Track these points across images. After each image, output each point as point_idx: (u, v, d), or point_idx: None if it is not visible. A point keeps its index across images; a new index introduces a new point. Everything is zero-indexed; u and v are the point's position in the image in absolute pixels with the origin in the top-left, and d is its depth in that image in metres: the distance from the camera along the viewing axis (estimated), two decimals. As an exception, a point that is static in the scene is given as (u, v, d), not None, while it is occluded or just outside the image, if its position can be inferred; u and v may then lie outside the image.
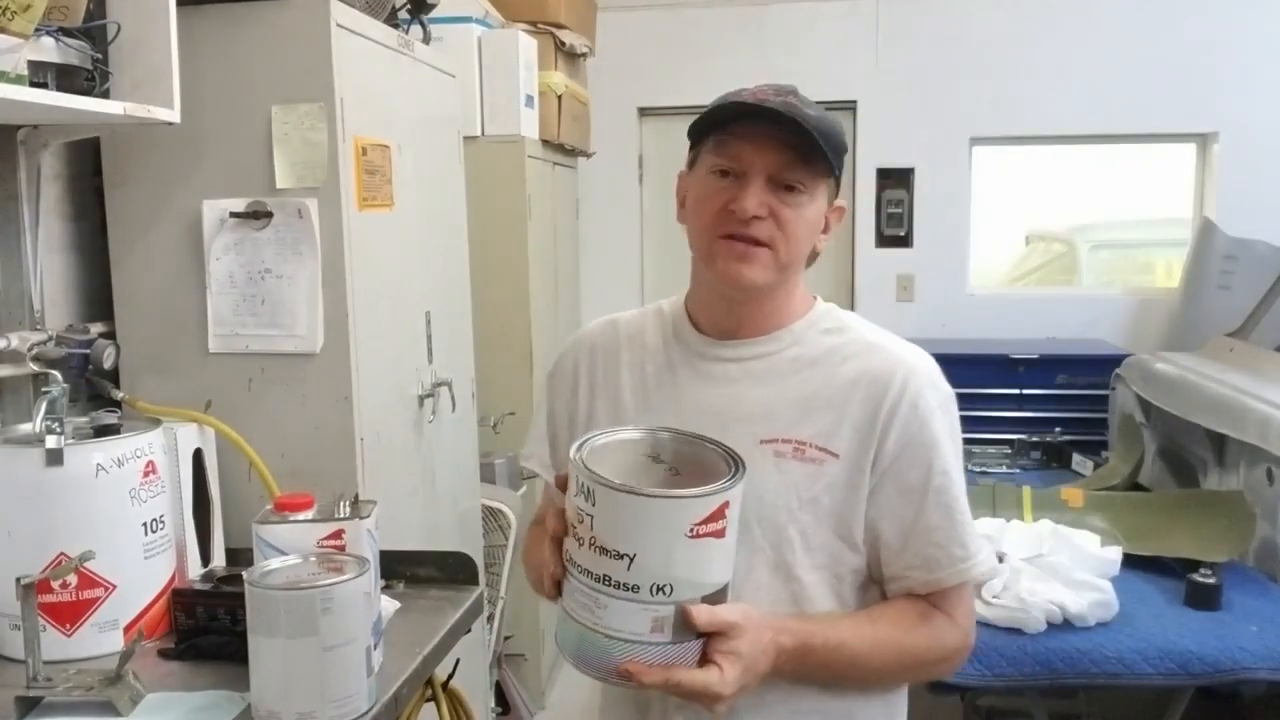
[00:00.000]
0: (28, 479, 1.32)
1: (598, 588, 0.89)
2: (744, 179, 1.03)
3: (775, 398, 1.06)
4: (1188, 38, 4.05)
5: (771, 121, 1.01)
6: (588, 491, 0.89)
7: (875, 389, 1.05)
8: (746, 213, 1.01)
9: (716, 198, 1.04)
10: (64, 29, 1.36)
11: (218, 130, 1.62)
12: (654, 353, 1.14)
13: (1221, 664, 1.88)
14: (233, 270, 1.63)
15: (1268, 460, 2.40)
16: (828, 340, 1.10)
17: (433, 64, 2.08)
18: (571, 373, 1.18)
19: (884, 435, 1.04)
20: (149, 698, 1.21)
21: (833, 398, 1.05)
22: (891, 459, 1.04)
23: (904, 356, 1.09)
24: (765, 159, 1.02)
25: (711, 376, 1.09)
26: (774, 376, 1.08)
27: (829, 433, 1.04)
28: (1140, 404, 3.19)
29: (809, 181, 1.04)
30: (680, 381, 1.11)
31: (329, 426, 1.65)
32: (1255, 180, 4.05)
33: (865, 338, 1.11)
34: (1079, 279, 4.57)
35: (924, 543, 1.04)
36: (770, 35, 4.24)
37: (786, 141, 1.02)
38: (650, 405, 1.10)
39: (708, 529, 0.88)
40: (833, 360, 1.08)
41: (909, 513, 1.04)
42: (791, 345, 1.09)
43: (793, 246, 1.04)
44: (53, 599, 1.31)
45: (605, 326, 1.20)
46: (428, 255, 2.06)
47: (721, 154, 1.04)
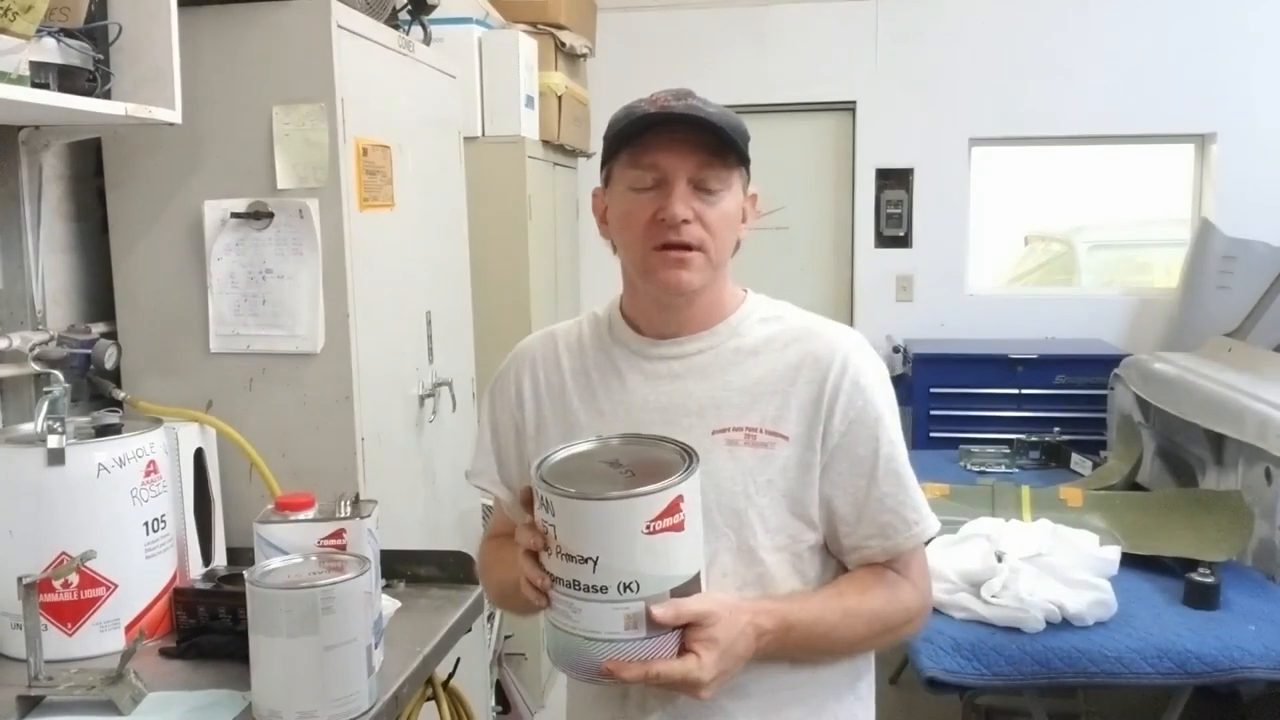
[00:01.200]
0: (29, 479, 1.33)
1: (570, 593, 0.92)
2: (666, 186, 1.05)
3: (721, 389, 1.09)
4: (1186, 38, 4.06)
5: (681, 127, 1.04)
6: (547, 504, 0.93)
7: (817, 371, 1.08)
8: (676, 218, 1.03)
9: (643, 210, 1.06)
10: (65, 30, 1.36)
11: (219, 131, 1.62)
12: (596, 359, 1.15)
13: (1220, 663, 1.88)
14: (234, 270, 1.64)
15: (1266, 460, 2.40)
16: (765, 329, 1.13)
17: (433, 65, 2.08)
18: (514, 386, 1.18)
19: (830, 413, 1.07)
20: (150, 697, 1.22)
21: (777, 383, 1.08)
22: (839, 435, 1.07)
23: (840, 338, 1.12)
24: (683, 164, 1.04)
25: (657, 375, 1.12)
26: (717, 369, 1.10)
27: (777, 416, 1.07)
28: (1139, 404, 3.20)
29: (726, 175, 1.07)
30: (627, 384, 1.12)
31: (330, 426, 1.65)
32: (1253, 180, 4.05)
33: (800, 323, 1.14)
34: (1078, 279, 4.57)
35: (878, 511, 1.08)
36: (770, 36, 4.24)
37: (699, 143, 1.04)
38: (600, 410, 1.12)
39: (664, 524, 0.91)
40: (772, 347, 1.11)
41: (861, 485, 1.08)
42: (730, 337, 1.12)
43: (720, 244, 1.08)
44: (54, 598, 1.32)
45: (543, 338, 1.21)
46: (428, 255, 2.06)
47: (638, 166, 1.06)
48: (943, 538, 2.27)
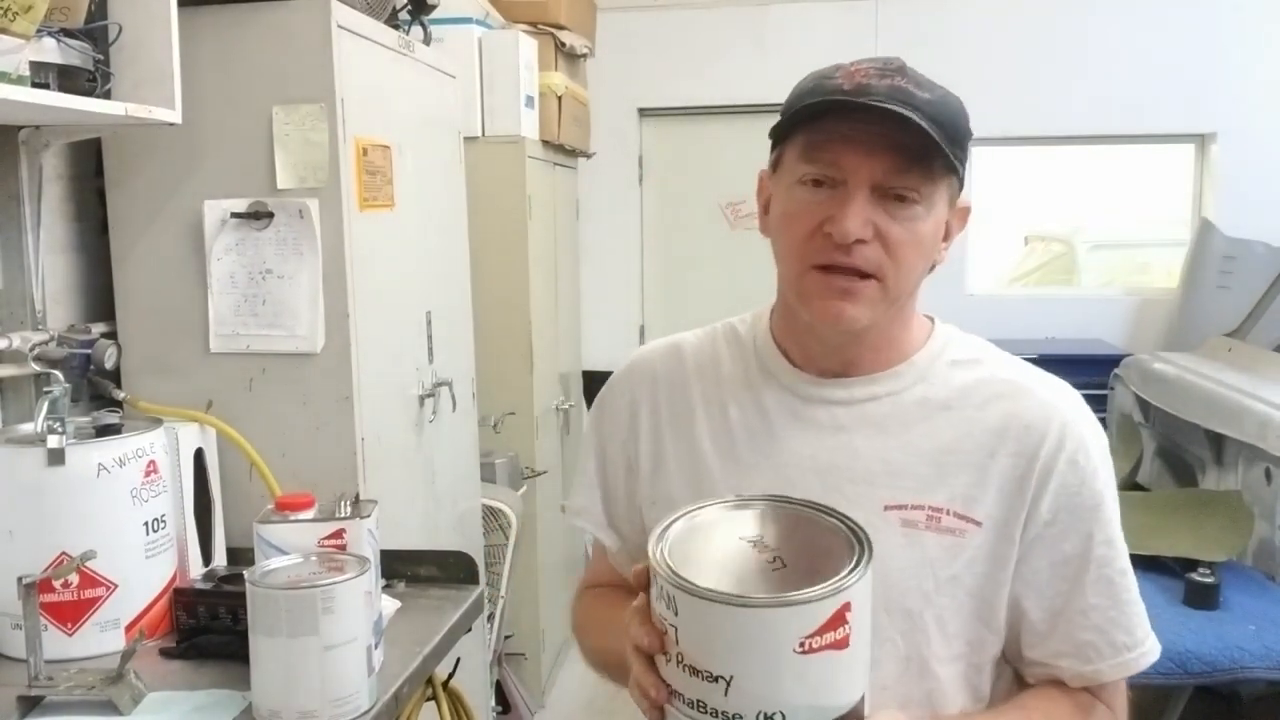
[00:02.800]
0: (29, 479, 1.32)
1: (693, 715, 0.70)
2: (843, 191, 0.82)
3: (900, 451, 0.87)
4: (1186, 38, 4.06)
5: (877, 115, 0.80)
6: (669, 598, 0.70)
7: (1027, 441, 0.86)
8: (847, 236, 0.81)
9: (808, 216, 0.84)
10: (65, 30, 1.36)
11: (219, 131, 1.62)
12: (735, 390, 0.93)
13: (1220, 663, 1.88)
14: (234, 270, 1.64)
15: (1266, 460, 2.40)
16: (959, 376, 0.90)
17: (433, 65, 2.08)
18: (628, 408, 0.97)
19: (1037, 497, 0.86)
20: (150, 697, 1.21)
21: (974, 451, 0.86)
22: (1044, 525, 0.86)
23: (1058, 400, 0.90)
24: (869, 165, 0.81)
25: (817, 424, 0.89)
26: (897, 424, 0.88)
27: (970, 496, 0.85)
28: (1139, 404, 3.20)
29: (925, 188, 0.83)
30: (776, 429, 0.90)
31: (330, 426, 1.65)
32: (1254, 180, 4.05)
33: (1006, 373, 0.92)
34: (1078, 279, 4.57)
35: (1079, 626, 0.86)
36: (770, 35, 4.24)
37: (895, 140, 0.81)
38: (738, 458, 0.90)
39: (824, 640, 0.68)
40: (969, 403, 0.88)
41: (1062, 589, 0.87)
42: (916, 383, 0.90)
43: (904, 274, 0.84)
44: (54, 598, 1.32)
45: (667, 352, 0.99)
46: (428, 255, 2.06)
47: (812, 160, 0.83)
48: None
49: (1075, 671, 0.87)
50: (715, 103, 4.21)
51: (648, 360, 1.00)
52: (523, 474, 2.94)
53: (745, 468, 0.90)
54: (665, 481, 0.93)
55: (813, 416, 0.90)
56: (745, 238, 4.25)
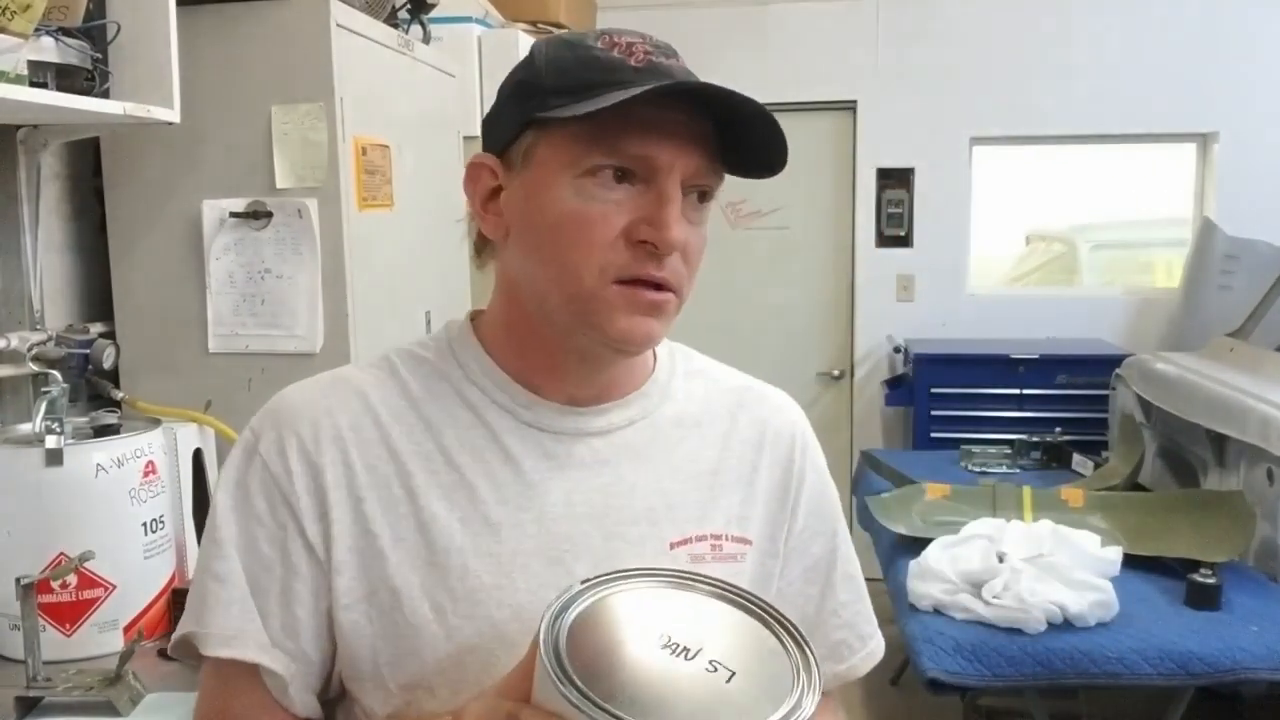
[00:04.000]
0: (28, 479, 1.32)
1: None
2: (655, 188, 0.69)
3: (670, 479, 0.76)
4: (1188, 37, 4.05)
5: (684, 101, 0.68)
6: None
7: (779, 449, 0.81)
8: (673, 245, 0.68)
9: (611, 218, 0.68)
10: (64, 29, 1.36)
11: (217, 130, 1.61)
12: (462, 433, 0.74)
13: (1222, 664, 1.88)
14: (232, 270, 1.63)
15: (1268, 460, 2.40)
16: (698, 389, 0.81)
17: (433, 64, 2.08)
18: (304, 478, 0.72)
19: (795, 505, 0.81)
20: (149, 698, 1.21)
21: (737, 467, 0.79)
22: (798, 533, 0.81)
23: (788, 404, 0.85)
24: (685, 159, 0.69)
25: (576, 461, 0.74)
26: (659, 450, 0.77)
27: (742, 515, 0.78)
28: (1140, 404, 3.19)
29: (717, 185, 0.73)
30: (529, 475, 0.73)
31: (329, 426, 1.65)
32: (1256, 180, 4.04)
33: (733, 380, 0.85)
34: (1079, 279, 4.56)
35: (832, 627, 0.82)
36: (770, 35, 4.23)
37: (704, 132, 0.70)
38: (488, 518, 0.72)
39: None
40: (718, 416, 0.80)
41: (813, 595, 0.82)
42: (663, 402, 0.79)
43: (691, 284, 0.73)
44: (52, 599, 1.31)
45: (337, 391, 0.75)
46: (428, 255, 2.06)
47: (617, 150, 0.68)
48: (944, 538, 2.26)
49: (832, 672, 0.81)
50: (716, 102, 4.21)
51: (314, 405, 0.74)
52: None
53: (499, 529, 0.72)
54: (380, 566, 0.71)
55: (569, 454, 0.74)
56: (745, 237, 4.24)
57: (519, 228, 0.73)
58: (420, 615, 0.70)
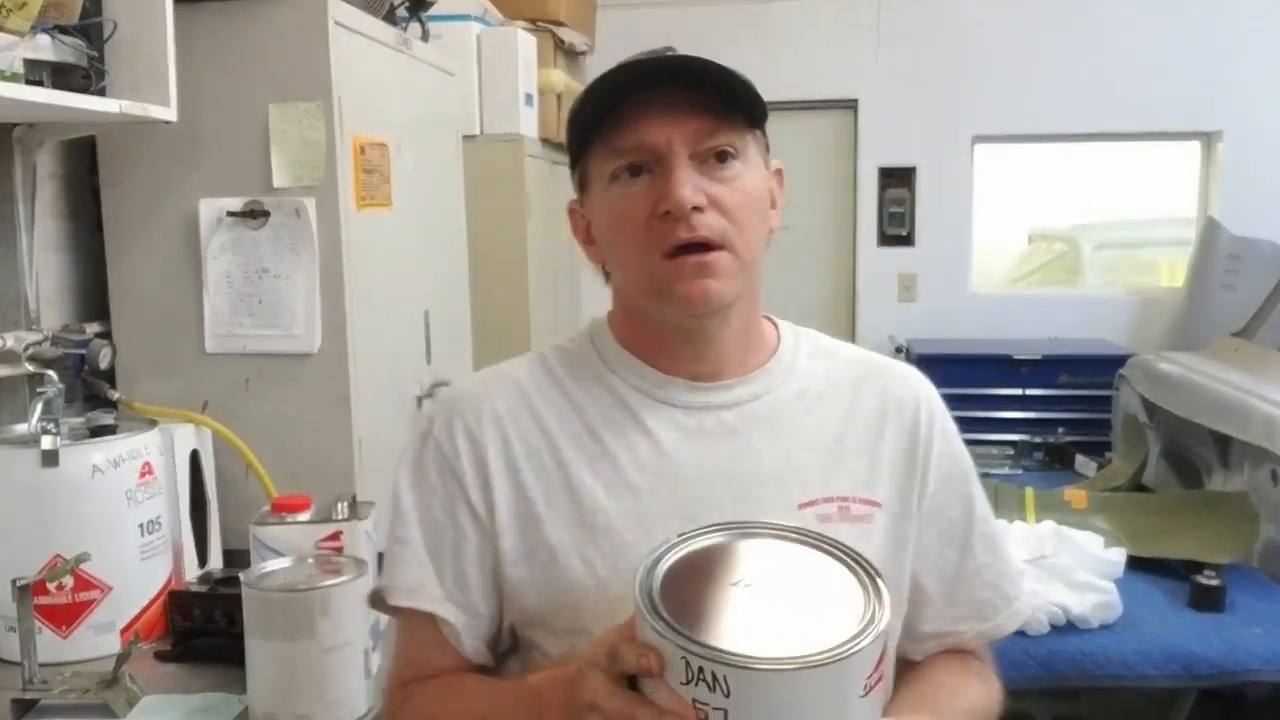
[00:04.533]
0: (23, 480, 1.32)
1: None
2: (662, 167, 0.78)
3: (796, 446, 0.84)
4: (1192, 35, 4.04)
5: (667, 85, 0.77)
6: (713, 679, 0.62)
7: (904, 417, 0.87)
8: (684, 204, 0.76)
9: (637, 206, 0.79)
10: (60, 27, 1.35)
11: (215, 129, 1.61)
12: (603, 410, 0.85)
13: (1225, 666, 1.87)
14: (230, 270, 1.62)
15: (1272, 461, 2.39)
16: (821, 366, 0.89)
17: (431, 62, 2.07)
18: (470, 455, 0.84)
19: (925, 470, 0.87)
20: (145, 700, 1.21)
21: (862, 435, 0.86)
22: (931, 497, 0.87)
23: (914, 375, 0.92)
24: (678, 130, 0.77)
25: (706, 432, 0.84)
26: (784, 420, 0.85)
27: (868, 479, 0.85)
28: (1144, 404, 3.18)
29: (737, 142, 0.80)
30: (665, 445, 0.83)
31: (327, 427, 1.64)
32: (1260, 179, 4.03)
33: (860, 356, 0.93)
34: (1082, 278, 4.56)
35: (974, 587, 0.89)
36: (771, 34, 4.23)
37: (695, 101, 0.78)
38: (629, 484, 0.82)
39: (877, 676, 0.65)
40: (842, 390, 0.88)
41: (953, 556, 0.88)
42: (787, 379, 0.87)
43: (749, 235, 0.81)
44: (49, 601, 1.31)
45: (497, 381, 0.88)
46: (427, 255, 2.05)
47: (618, 149, 0.79)
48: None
49: (976, 631, 0.90)
50: (717, 101, 4.20)
51: (477, 394, 0.87)
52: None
53: (639, 491, 0.82)
54: (538, 529, 0.82)
55: (699, 425, 0.84)
56: (747, 237, 4.25)
57: (600, 243, 0.86)
58: (574, 569, 0.81)
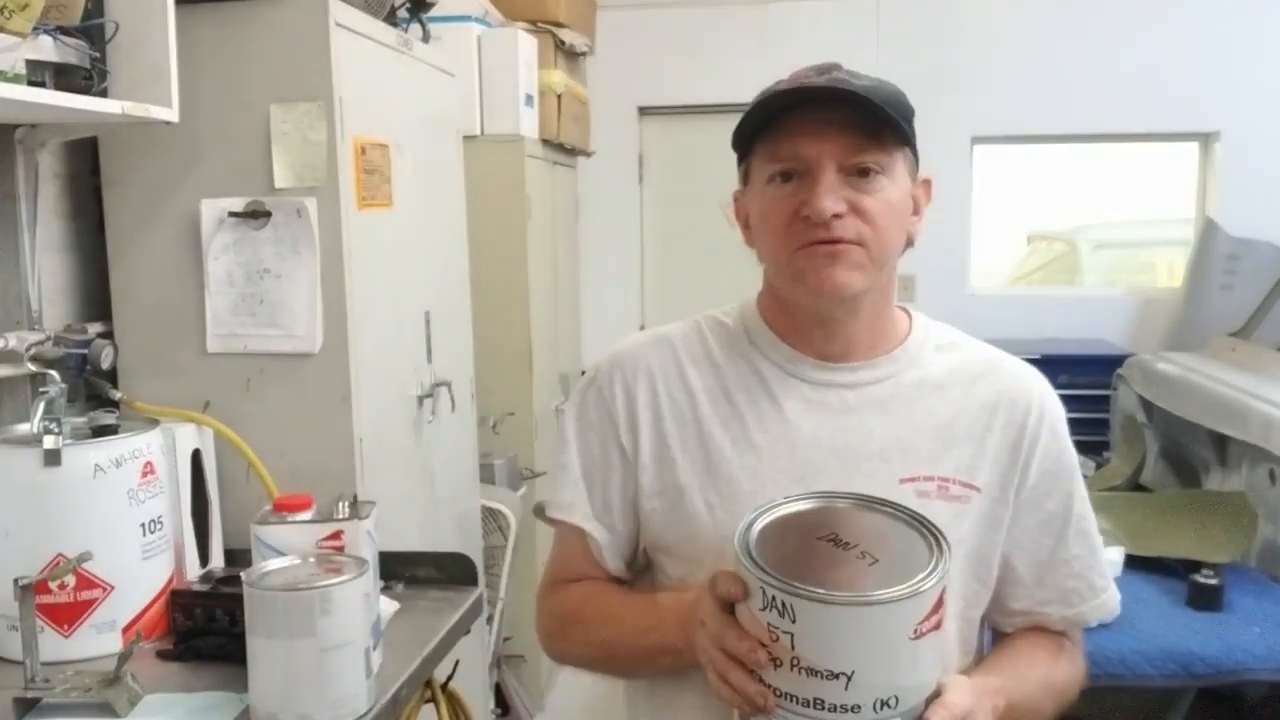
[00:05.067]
0: (25, 479, 1.32)
1: (806, 713, 0.76)
2: (810, 176, 0.89)
3: (907, 428, 0.94)
4: (1190, 36, 4.04)
5: (824, 104, 0.89)
6: (783, 607, 0.75)
7: (1015, 413, 0.96)
8: (824, 214, 0.87)
9: (784, 207, 0.90)
10: (62, 28, 1.35)
11: (216, 129, 1.61)
12: (738, 377, 0.97)
13: (1224, 665, 1.87)
14: (231, 270, 1.63)
15: (1270, 460, 2.39)
16: (945, 359, 0.99)
17: (432, 63, 2.07)
18: (624, 402, 0.98)
19: (1027, 463, 0.96)
20: (147, 699, 1.21)
21: (970, 425, 0.95)
22: (1032, 487, 0.96)
23: (1031, 376, 1.01)
24: (829, 147, 0.89)
25: (826, 406, 0.94)
26: (899, 404, 0.95)
27: (972, 465, 0.94)
28: (1142, 404, 3.19)
29: (883, 160, 0.91)
30: (786, 412, 0.94)
31: (328, 427, 1.64)
32: (1258, 180, 4.04)
33: (983, 355, 1.01)
34: (1081, 279, 4.56)
35: (1063, 575, 0.97)
36: (770, 34, 4.23)
37: (847, 121, 0.89)
38: (753, 443, 0.94)
39: (930, 624, 0.76)
40: (959, 382, 0.97)
41: (1047, 544, 0.97)
42: (909, 367, 0.97)
43: (884, 239, 0.91)
44: (50, 600, 1.31)
45: (656, 344, 1.01)
46: (427, 255, 2.06)
47: (776, 156, 0.91)
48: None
49: (1061, 615, 0.98)
50: (716, 101, 4.19)
51: (637, 352, 1.01)
52: (522, 475, 2.93)
53: (760, 450, 0.94)
54: (672, 470, 0.96)
55: (821, 399, 0.95)
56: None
57: (754, 232, 0.97)
58: (696, 508, 0.94)
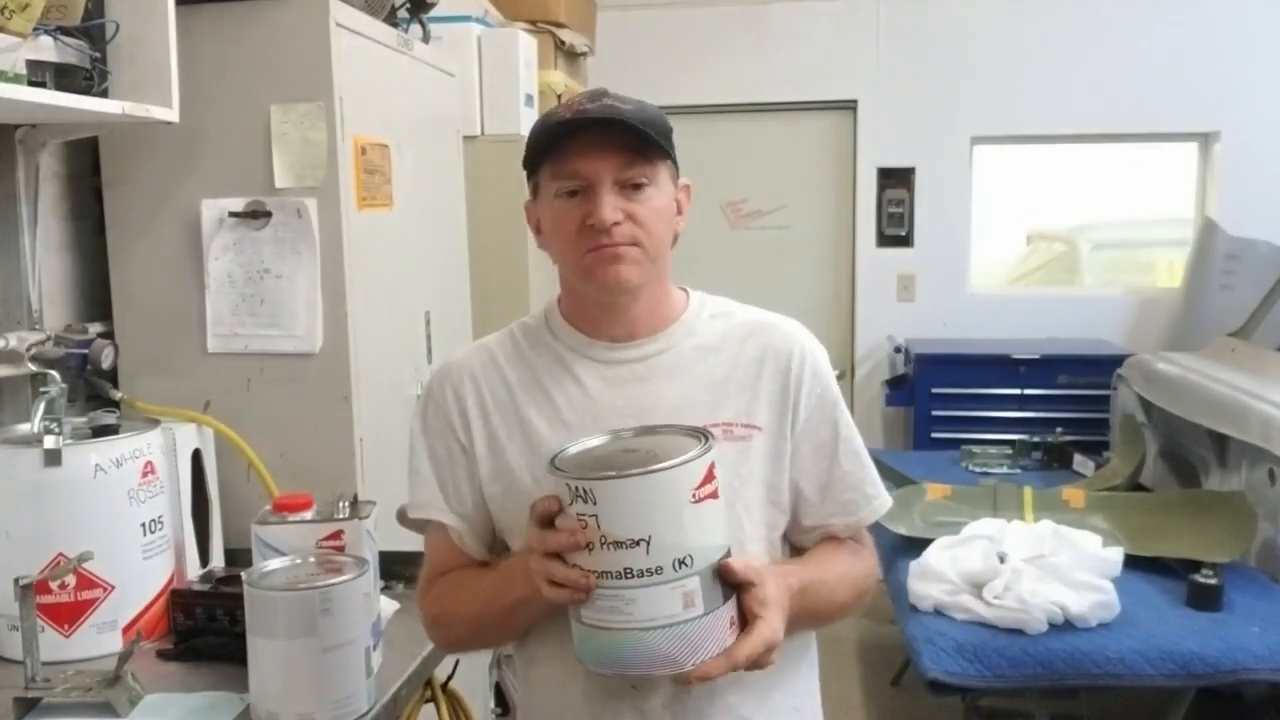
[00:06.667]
0: (26, 479, 1.32)
1: (620, 584, 0.90)
2: (591, 191, 1.04)
3: (689, 387, 1.09)
4: (1190, 36, 4.05)
5: (597, 129, 1.04)
6: (585, 494, 0.91)
7: (780, 362, 1.12)
8: (605, 223, 1.03)
9: (571, 218, 1.05)
10: (62, 28, 1.35)
11: (216, 129, 1.61)
12: (544, 367, 1.12)
13: (1223, 665, 1.88)
14: (231, 270, 1.63)
15: (1269, 460, 2.39)
16: (717, 325, 1.14)
17: (432, 63, 2.07)
18: (454, 405, 1.12)
19: (796, 401, 1.11)
20: (147, 699, 1.21)
21: (744, 377, 1.11)
22: (804, 422, 1.11)
23: (793, 329, 1.16)
24: (604, 165, 1.04)
25: (619, 379, 1.10)
26: (681, 368, 1.10)
27: (749, 409, 1.09)
28: (1142, 404, 3.19)
29: (650, 172, 1.06)
30: (588, 389, 1.10)
31: (328, 426, 1.65)
32: (1257, 179, 4.04)
33: (750, 317, 1.16)
34: (1080, 279, 4.56)
35: (841, 489, 1.12)
36: (770, 35, 4.23)
37: (618, 143, 1.04)
38: (563, 419, 1.09)
39: (705, 491, 0.92)
40: (730, 342, 1.12)
41: (824, 466, 1.12)
42: (687, 336, 1.12)
43: (655, 239, 1.07)
44: (51, 600, 1.31)
45: (476, 351, 1.16)
46: (427, 255, 2.06)
47: (561, 175, 1.05)
48: (945, 539, 2.26)
49: (844, 524, 1.13)
50: (716, 101, 4.20)
51: (460, 361, 1.16)
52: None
53: (569, 425, 1.08)
54: (503, 456, 1.09)
55: (614, 374, 1.10)
56: (745, 236, 4.24)
57: (546, 239, 1.11)
58: (525, 485, 1.07)
